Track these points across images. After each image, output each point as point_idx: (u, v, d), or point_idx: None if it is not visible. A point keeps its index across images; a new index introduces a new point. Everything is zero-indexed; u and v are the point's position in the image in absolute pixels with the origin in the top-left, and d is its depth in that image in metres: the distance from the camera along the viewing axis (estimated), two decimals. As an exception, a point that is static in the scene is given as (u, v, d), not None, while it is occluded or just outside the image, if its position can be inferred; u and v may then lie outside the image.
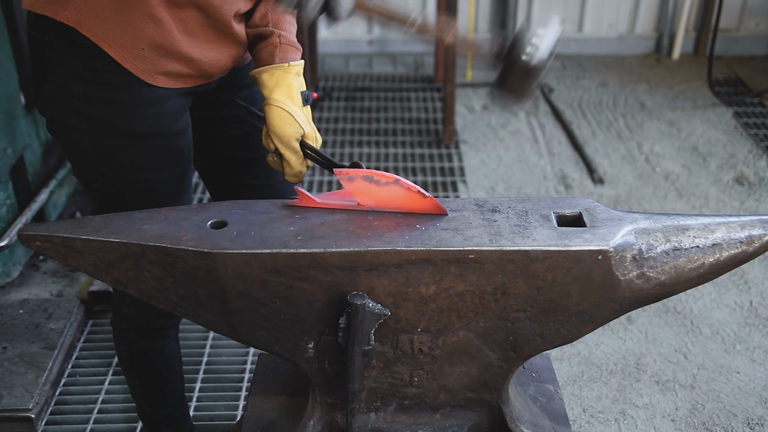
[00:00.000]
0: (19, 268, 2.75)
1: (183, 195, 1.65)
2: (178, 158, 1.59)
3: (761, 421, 2.34)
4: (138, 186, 1.57)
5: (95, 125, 1.48)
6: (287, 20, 1.58)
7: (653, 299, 1.31)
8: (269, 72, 1.51)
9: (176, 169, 1.60)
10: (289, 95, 1.49)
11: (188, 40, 1.48)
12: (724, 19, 4.69)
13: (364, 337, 1.28)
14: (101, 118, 1.48)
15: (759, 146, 3.88)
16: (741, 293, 2.87)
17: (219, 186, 1.82)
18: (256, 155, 1.74)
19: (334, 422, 1.41)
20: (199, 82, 1.57)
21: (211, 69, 1.56)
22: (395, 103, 4.33)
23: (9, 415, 2.25)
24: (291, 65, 1.52)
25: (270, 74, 1.51)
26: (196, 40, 1.49)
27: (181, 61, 1.49)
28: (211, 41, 1.52)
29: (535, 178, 3.63)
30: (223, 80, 1.66)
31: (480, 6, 4.78)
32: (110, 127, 1.49)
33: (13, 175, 2.65)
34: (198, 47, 1.50)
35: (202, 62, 1.52)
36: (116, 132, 1.50)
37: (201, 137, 1.73)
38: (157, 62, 1.46)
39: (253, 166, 1.76)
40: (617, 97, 4.40)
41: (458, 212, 1.32)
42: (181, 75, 1.52)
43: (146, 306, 1.72)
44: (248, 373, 2.51)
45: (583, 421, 2.35)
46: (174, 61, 1.49)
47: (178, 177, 1.61)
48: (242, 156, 1.75)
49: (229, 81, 1.67)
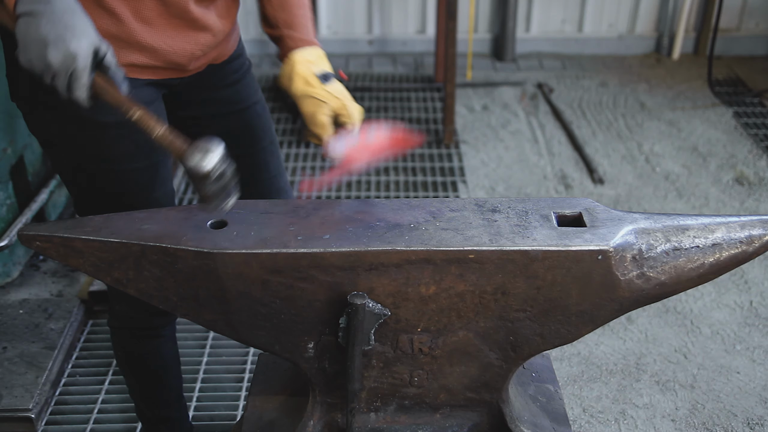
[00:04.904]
0: (19, 268, 2.75)
1: (159, 187, 1.62)
2: (148, 149, 1.55)
3: (761, 421, 2.34)
4: (110, 177, 1.55)
5: (60, 116, 1.46)
6: (298, 19, 1.56)
7: (653, 299, 1.31)
8: (282, 71, 1.51)
9: (147, 160, 1.57)
10: (304, 83, 1.49)
11: (147, 30, 1.45)
12: (724, 19, 4.68)
13: (364, 337, 1.28)
14: (65, 109, 1.42)
15: (759, 146, 3.87)
16: (741, 293, 2.87)
17: None
18: (239, 152, 1.74)
19: (334, 422, 1.41)
20: (171, 74, 1.55)
21: (179, 59, 1.53)
22: (395, 103, 4.32)
23: (9, 415, 2.25)
24: (292, 55, 1.51)
25: (283, 73, 1.51)
26: (155, 29, 1.46)
27: (143, 51, 1.47)
28: (172, 29, 1.49)
29: (535, 178, 3.63)
30: (203, 78, 1.64)
31: (480, 6, 4.78)
32: (75, 117, 1.45)
33: (13, 175, 2.65)
34: (159, 36, 1.47)
35: (167, 52, 1.49)
36: (82, 122, 1.47)
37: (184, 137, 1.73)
38: (117, 54, 1.41)
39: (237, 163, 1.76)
40: (617, 97, 4.39)
41: (458, 212, 1.32)
42: (147, 66, 1.49)
43: (139, 304, 1.70)
44: (248, 373, 2.51)
45: (583, 421, 2.35)
46: (136, 52, 1.46)
47: (151, 168, 1.58)
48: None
49: (209, 79, 1.66)
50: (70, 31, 1.17)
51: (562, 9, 4.84)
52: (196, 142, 1.15)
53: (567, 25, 4.90)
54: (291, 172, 3.69)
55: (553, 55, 4.91)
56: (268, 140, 1.79)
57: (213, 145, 1.13)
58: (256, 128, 1.76)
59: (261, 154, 1.78)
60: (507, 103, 4.32)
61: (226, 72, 1.69)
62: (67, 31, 1.17)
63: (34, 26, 1.18)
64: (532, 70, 4.73)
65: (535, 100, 4.36)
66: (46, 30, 1.17)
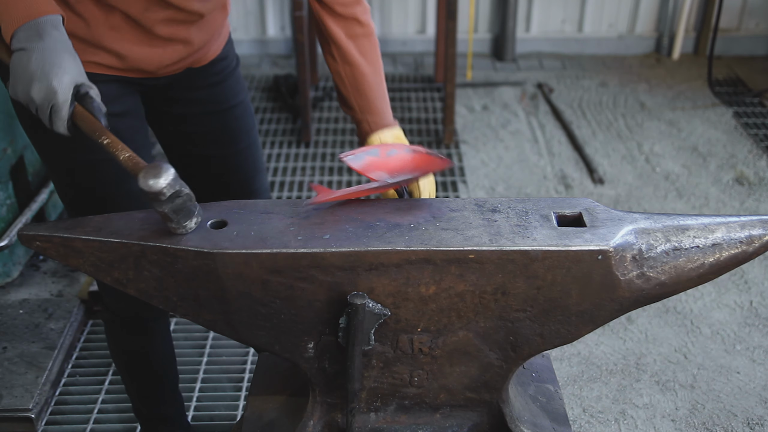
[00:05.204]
0: (19, 268, 2.75)
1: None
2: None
3: (761, 421, 2.34)
4: (88, 168, 1.56)
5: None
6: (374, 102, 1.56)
7: (653, 299, 1.31)
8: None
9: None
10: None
11: (115, 36, 1.47)
12: (724, 19, 4.68)
13: (364, 337, 1.28)
14: None
15: (759, 146, 3.87)
16: (741, 293, 2.87)
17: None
18: (213, 153, 1.74)
19: (334, 422, 1.41)
20: (140, 75, 1.56)
21: (148, 66, 1.53)
22: (395, 103, 4.32)
23: (9, 415, 2.25)
24: (370, 140, 1.54)
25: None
26: (124, 37, 1.48)
27: (110, 54, 1.48)
28: (141, 41, 1.50)
29: (535, 178, 3.63)
30: (181, 79, 1.64)
31: (480, 6, 4.78)
32: None
33: (13, 175, 2.65)
34: (126, 44, 1.48)
35: (135, 59, 1.51)
36: None
37: (160, 134, 1.74)
38: (82, 52, 1.44)
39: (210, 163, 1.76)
40: (617, 97, 4.40)
41: (458, 212, 1.32)
42: (113, 67, 1.51)
43: (124, 296, 1.71)
44: (248, 373, 2.51)
45: (583, 421, 2.35)
46: (103, 53, 1.48)
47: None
48: (198, 153, 1.75)
49: (187, 80, 1.65)
50: (55, 68, 1.25)
51: (562, 9, 4.84)
52: (150, 165, 1.20)
53: (567, 25, 4.90)
54: (291, 172, 3.69)
55: (553, 55, 4.91)
56: (245, 143, 1.78)
57: (163, 168, 1.19)
58: (234, 130, 1.75)
59: (236, 157, 1.78)
60: (507, 103, 4.32)
61: (206, 74, 1.68)
62: (53, 68, 1.25)
63: (24, 62, 1.26)
64: (532, 70, 4.73)
65: (535, 100, 4.36)
66: (35, 66, 1.25)
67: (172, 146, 1.78)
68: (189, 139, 1.74)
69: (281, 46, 4.90)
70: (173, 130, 1.74)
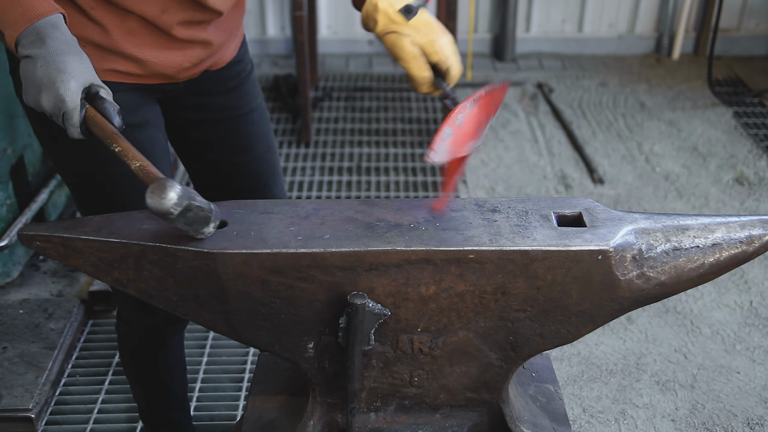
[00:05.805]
0: (19, 268, 2.75)
1: None
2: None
3: (761, 421, 2.34)
4: (102, 181, 1.55)
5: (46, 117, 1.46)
6: None
7: (653, 299, 1.31)
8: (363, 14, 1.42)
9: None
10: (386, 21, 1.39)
11: (132, 42, 1.46)
12: (724, 19, 4.69)
13: (364, 337, 1.28)
14: None
15: (759, 146, 3.87)
16: (741, 293, 2.87)
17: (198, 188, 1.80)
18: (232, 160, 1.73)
19: (334, 422, 1.41)
20: (160, 80, 1.55)
21: (167, 70, 1.52)
22: (395, 103, 4.33)
23: (9, 415, 2.25)
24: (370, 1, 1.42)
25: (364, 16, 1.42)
26: (141, 42, 1.47)
27: (128, 60, 1.47)
28: (159, 45, 1.49)
29: (535, 178, 3.63)
30: (199, 83, 1.63)
31: (480, 6, 4.78)
32: None
33: (13, 175, 2.66)
34: (145, 48, 1.47)
35: (153, 63, 1.49)
36: None
37: (177, 142, 1.73)
38: (100, 60, 1.43)
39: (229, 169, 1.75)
40: (617, 97, 4.40)
41: (458, 212, 1.32)
42: (133, 74, 1.49)
43: (148, 311, 1.70)
44: (248, 373, 2.51)
45: (583, 421, 2.35)
46: (121, 60, 1.47)
47: None
48: (215, 159, 1.74)
49: (205, 85, 1.64)
50: (61, 74, 1.23)
51: (562, 9, 4.84)
52: (156, 182, 1.17)
53: (567, 25, 4.90)
54: (291, 172, 3.69)
55: (553, 55, 4.91)
56: (262, 148, 1.77)
57: (167, 186, 1.16)
58: (251, 136, 1.74)
59: (254, 163, 1.76)
60: (507, 103, 4.32)
61: (223, 78, 1.67)
62: (59, 74, 1.23)
63: (31, 70, 1.24)
64: (532, 70, 4.73)
65: (535, 100, 4.36)
66: (41, 74, 1.23)
67: (188, 153, 1.76)
68: (207, 145, 1.72)
69: (281, 46, 4.90)
70: (190, 136, 1.72)
